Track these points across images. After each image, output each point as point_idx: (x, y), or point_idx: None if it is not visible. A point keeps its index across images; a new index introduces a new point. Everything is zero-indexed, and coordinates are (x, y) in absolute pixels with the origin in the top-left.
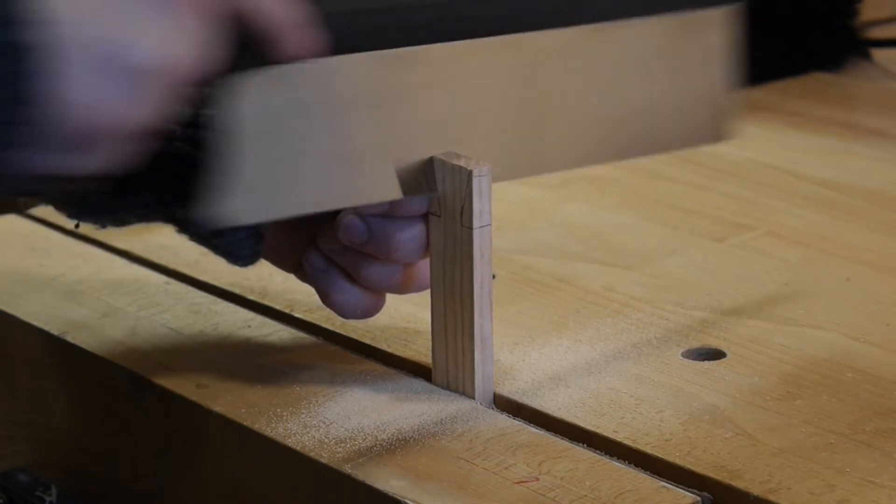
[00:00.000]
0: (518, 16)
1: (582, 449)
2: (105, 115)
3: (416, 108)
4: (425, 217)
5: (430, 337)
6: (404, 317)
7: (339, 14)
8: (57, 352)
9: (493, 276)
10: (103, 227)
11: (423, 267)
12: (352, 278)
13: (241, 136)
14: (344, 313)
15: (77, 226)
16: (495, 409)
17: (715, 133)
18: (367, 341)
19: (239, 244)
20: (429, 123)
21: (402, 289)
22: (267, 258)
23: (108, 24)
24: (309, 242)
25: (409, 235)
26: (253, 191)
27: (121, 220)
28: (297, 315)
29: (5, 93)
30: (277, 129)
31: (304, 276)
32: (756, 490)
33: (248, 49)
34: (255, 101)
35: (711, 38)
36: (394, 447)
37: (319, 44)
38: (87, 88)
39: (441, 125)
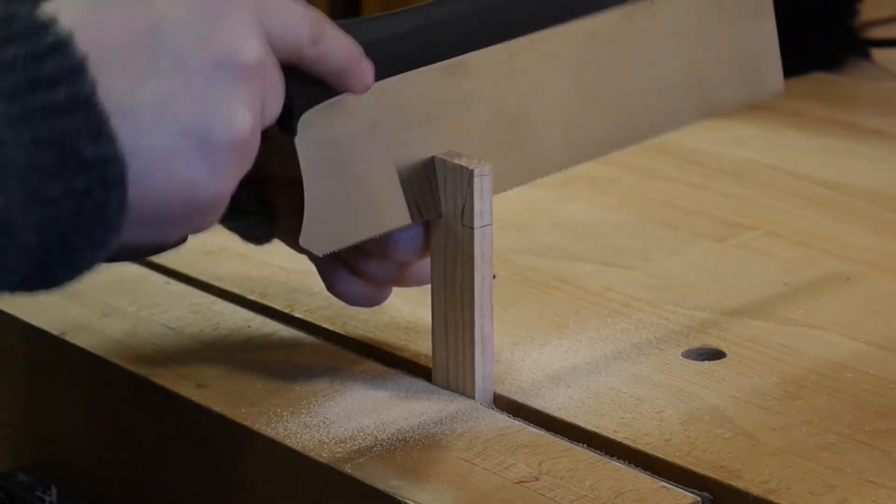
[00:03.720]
0: (551, 10)
1: (582, 449)
2: (203, 192)
3: (470, 116)
4: None
5: (430, 337)
6: (404, 317)
7: (380, 40)
8: (57, 352)
9: (494, 276)
10: None
11: (422, 262)
12: (353, 270)
13: (310, 170)
14: (347, 301)
15: None
16: (495, 409)
17: (767, 88)
18: (367, 341)
19: (253, 227)
20: (486, 129)
21: (399, 283)
22: (280, 239)
23: (195, 105)
24: None
25: (407, 236)
26: (327, 219)
27: None
28: (297, 315)
29: (97, 179)
30: (342, 158)
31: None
32: (756, 490)
33: (309, 87)
34: (320, 134)
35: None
36: (394, 447)
37: (373, 72)
38: (186, 171)
39: (499, 128)
